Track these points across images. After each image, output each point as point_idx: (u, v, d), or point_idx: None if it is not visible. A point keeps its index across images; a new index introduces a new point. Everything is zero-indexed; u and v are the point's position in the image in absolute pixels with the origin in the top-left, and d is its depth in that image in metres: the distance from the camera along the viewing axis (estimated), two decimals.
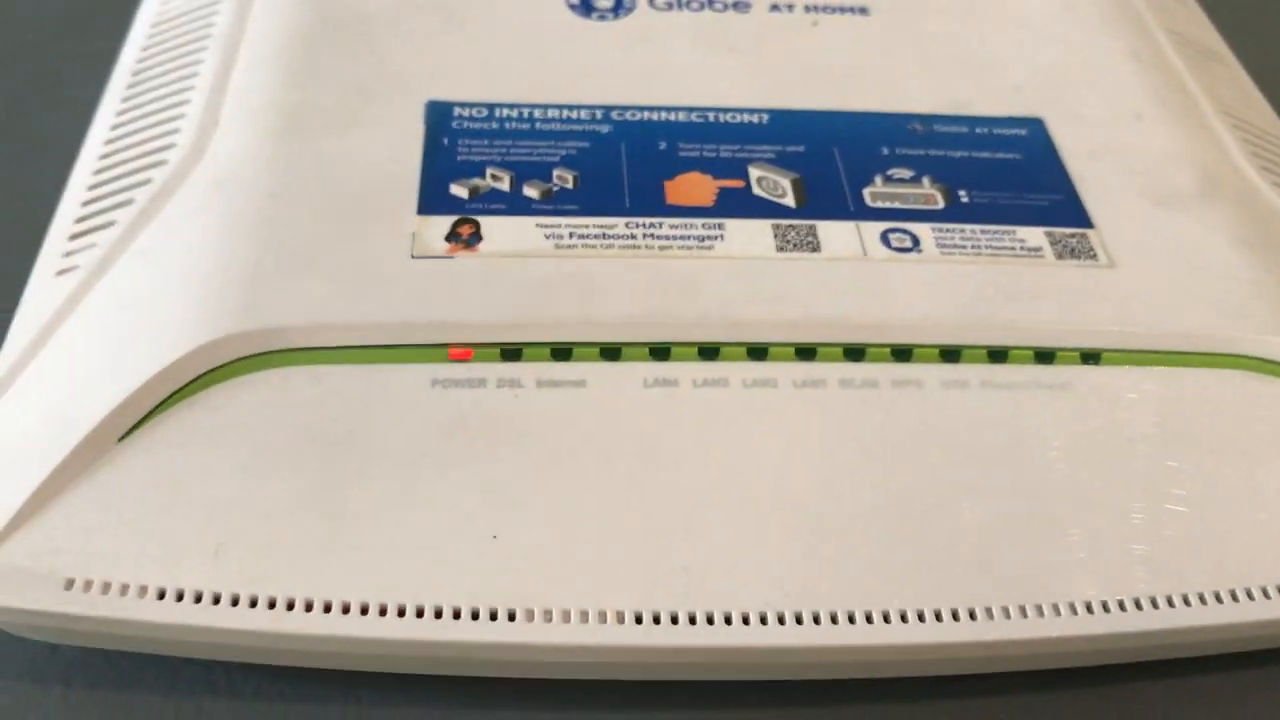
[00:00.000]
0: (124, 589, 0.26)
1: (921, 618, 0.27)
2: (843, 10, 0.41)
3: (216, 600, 0.26)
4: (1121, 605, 0.28)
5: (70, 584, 0.26)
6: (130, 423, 0.28)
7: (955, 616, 0.27)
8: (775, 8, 0.41)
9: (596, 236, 0.32)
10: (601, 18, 0.40)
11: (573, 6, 0.40)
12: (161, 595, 0.26)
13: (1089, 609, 0.27)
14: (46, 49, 0.48)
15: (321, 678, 0.28)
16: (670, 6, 0.41)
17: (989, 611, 0.27)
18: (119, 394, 0.28)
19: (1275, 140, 0.40)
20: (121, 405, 0.28)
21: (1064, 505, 0.29)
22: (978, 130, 0.37)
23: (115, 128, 0.37)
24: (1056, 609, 0.27)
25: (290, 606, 0.26)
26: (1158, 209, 0.35)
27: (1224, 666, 0.30)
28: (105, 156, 0.36)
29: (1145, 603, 0.28)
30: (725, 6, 0.41)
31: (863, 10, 0.41)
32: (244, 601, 0.26)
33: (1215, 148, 0.38)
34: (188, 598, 0.26)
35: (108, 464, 0.28)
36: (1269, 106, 0.42)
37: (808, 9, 0.41)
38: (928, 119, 0.37)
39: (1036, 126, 0.37)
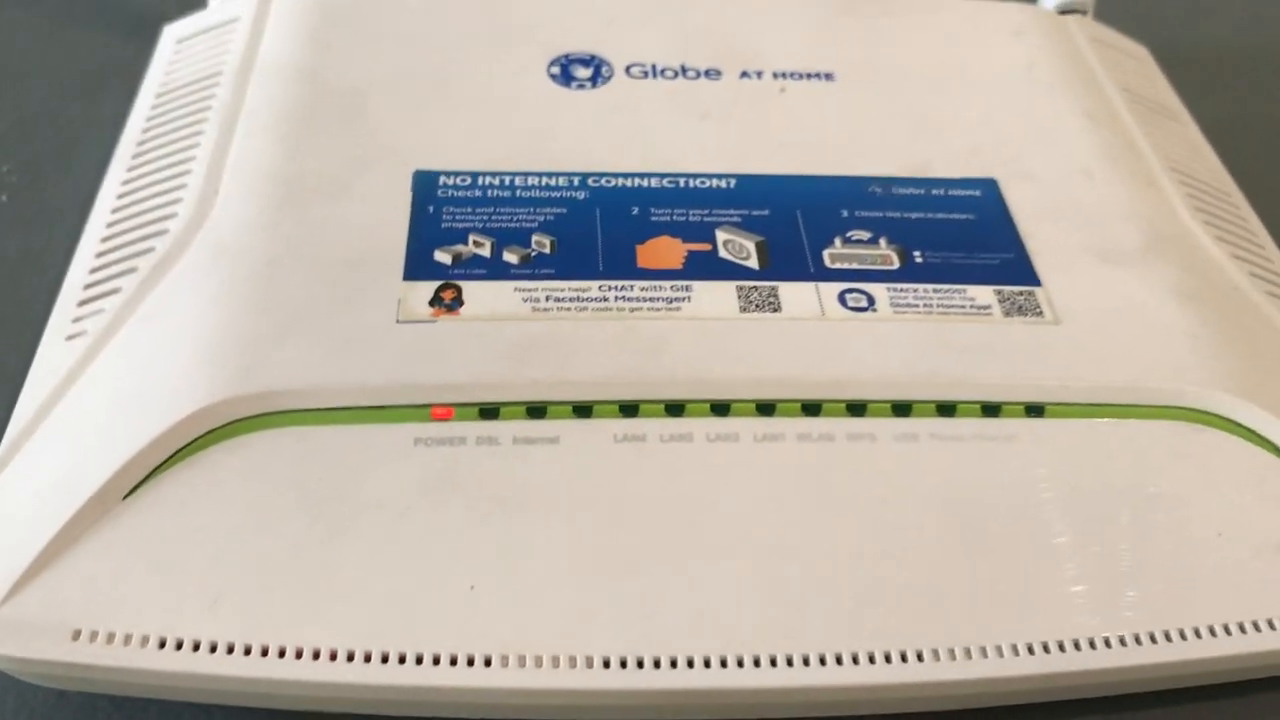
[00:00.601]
0: (127, 639, 0.28)
1: (873, 659, 0.29)
2: (810, 76, 0.43)
3: (214, 649, 0.28)
4: (1061, 646, 0.29)
5: (77, 634, 0.28)
6: (134, 481, 0.30)
7: (904, 658, 0.29)
8: (745, 75, 0.43)
9: (571, 299, 0.34)
10: (580, 87, 0.42)
11: (554, 76, 0.42)
12: (163, 644, 0.28)
13: (1030, 650, 0.29)
14: (58, 115, 0.49)
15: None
16: (646, 75, 0.43)
17: (935, 653, 0.29)
18: (124, 455, 0.30)
19: (1221, 194, 0.42)
20: (126, 465, 0.30)
21: (1008, 551, 0.30)
22: (934, 192, 0.39)
23: (121, 196, 0.39)
24: (1000, 650, 0.29)
25: (282, 654, 0.28)
26: (1103, 265, 0.37)
27: (1167, 702, 0.31)
28: (112, 225, 0.38)
29: (1084, 643, 0.29)
30: (698, 74, 0.43)
31: (829, 76, 0.43)
32: (239, 650, 0.28)
33: (1161, 204, 0.40)
34: (186, 646, 0.28)
35: (113, 521, 0.29)
36: (1218, 160, 0.44)
37: (776, 76, 0.43)
38: (887, 181, 0.39)
39: (990, 187, 0.39)
